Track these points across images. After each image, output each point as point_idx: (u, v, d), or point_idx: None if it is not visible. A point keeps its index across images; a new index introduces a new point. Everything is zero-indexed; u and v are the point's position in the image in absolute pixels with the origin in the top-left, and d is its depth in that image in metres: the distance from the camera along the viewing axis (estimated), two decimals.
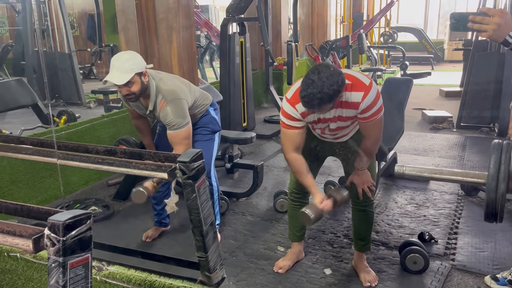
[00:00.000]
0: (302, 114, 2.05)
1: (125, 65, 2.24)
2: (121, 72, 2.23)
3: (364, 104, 1.97)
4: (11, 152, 1.75)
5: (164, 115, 2.36)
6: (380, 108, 2.02)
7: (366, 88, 1.96)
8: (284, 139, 2.14)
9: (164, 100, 2.36)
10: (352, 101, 1.97)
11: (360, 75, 2.02)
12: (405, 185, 3.64)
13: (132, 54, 2.35)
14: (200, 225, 1.57)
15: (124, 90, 2.29)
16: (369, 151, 2.19)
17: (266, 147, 4.95)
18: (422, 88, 8.39)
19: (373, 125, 2.06)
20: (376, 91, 2.00)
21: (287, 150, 2.13)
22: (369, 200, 2.32)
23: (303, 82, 1.85)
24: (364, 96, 1.95)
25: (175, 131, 2.36)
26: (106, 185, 3.79)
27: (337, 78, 1.82)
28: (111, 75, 2.24)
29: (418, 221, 3.03)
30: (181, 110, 2.37)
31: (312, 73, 1.83)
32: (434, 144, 4.88)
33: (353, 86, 1.96)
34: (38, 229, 1.03)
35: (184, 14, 4.25)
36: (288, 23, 7.70)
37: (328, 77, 1.80)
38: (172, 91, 2.39)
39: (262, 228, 2.98)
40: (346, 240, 2.80)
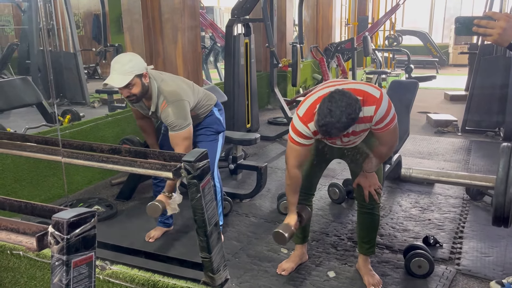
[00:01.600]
0: (314, 133, 2.03)
1: (125, 67, 2.24)
2: (121, 75, 2.23)
3: (378, 117, 1.95)
4: (15, 150, 1.74)
5: (166, 116, 2.35)
6: (394, 116, 2.00)
7: (377, 101, 1.93)
8: (290, 154, 2.14)
9: (166, 101, 2.36)
10: (365, 115, 1.94)
11: (369, 88, 1.97)
12: (409, 188, 3.62)
13: (132, 56, 2.34)
14: (205, 225, 1.55)
15: (125, 92, 2.29)
16: (383, 155, 2.20)
17: (270, 148, 4.94)
18: (426, 91, 8.36)
19: (388, 133, 2.05)
20: (387, 101, 1.97)
21: (291, 164, 2.15)
22: (375, 203, 2.30)
23: (320, 110, 1.83)
24: (376, 109, 1.93)
25: (176, 132, 2.36)
26: (109, 185, 3.78)
27: (355, 106, 1.80)
28: (111, 77, 2.25)
29: (423, 224, 3.00)
30: (182, 111, 2.36)
31: (329, 101, 1.80)
32: (439, 148, 4.85)
33: (365, 101, 1.93)
34: (42, 226, 1.02)
35: (189, 15, 4.25)
36: (293, 25, 7.70)
37: (346, 106, 1.78)
38: (174, 92, 2.38)
39: (265, 230, 2.97)
40: (350, 243, 2.78)
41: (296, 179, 2.18)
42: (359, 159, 2.28)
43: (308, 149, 2.14)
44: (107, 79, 2.25)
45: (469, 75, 7.25)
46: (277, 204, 3.24)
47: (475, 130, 5.41)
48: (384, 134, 2.05)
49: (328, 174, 3.93)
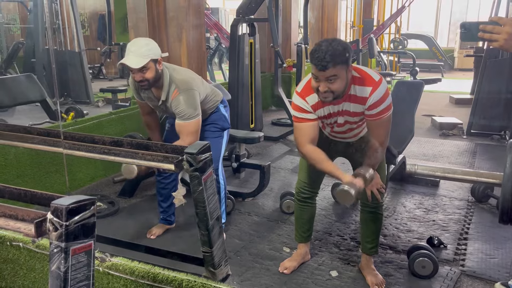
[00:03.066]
0: (313, 107, 2.04)
1: (141, 50, 2.23)
2: (138, 56, 2.22)
3: (372, 100, 1.94)
4: (17, 141, 1.73)
5: (176, 104, 2.33)
6: (388, 107, 1.98)
7: (375, 83, 1.93)
8: (298, 133, 2.10)
9: (178, 89, 2.34)
10: (360, 95, 1.95)
11: (370, 71, 2.00)
12: (413, 189, 3.59)
13: (149, 40, 2.35)
14: (206, 219, 1.53)
15: (138, 76, 2.27)
16: (376, 151, 2.14)
17: (273, 148, 4.92)
18: (432, 95, 8.32)
19: (380, 124, 2.02)
20: (385, 88, 1.96)
21: (302, 143, 2.08)
22: (378, 202, 2.27)
23: (313, 47, 1.86)
24: (372, 91, 1.93)
25: (184, 121, 2.34)
26: (112, 182, 3.76)
27: (343, 42, 1.87)
28: (127, 58, 2.23)
29: (427, 225, 2.97)
30: (193, 100, 2.35)
31: (320, 40, 1.88)
32: (444, 150, 4.82)
33: (362, 80, 1.94)
34: (41, 213, 1.00)
35: (194, 13, 4.24)
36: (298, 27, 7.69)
37: (334, 39, 1.87)
38: (186, 81, 2.38)
39: (268, 229, 2.95)
40: (353, 243, 2.75)
41: (316, 151, 2.05)
42: (360, 158, 2.25)
43: (315, 127, 2.08)
44: (123, 59, 2.23)
45: (475, 78, 7.21)
46: (280, 203, 3.22)
47: (481, 133, 5.37)
48: (376, 124, 2.02)
49: None
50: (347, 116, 2.06)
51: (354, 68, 1.96)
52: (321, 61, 1.80)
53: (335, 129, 2.19)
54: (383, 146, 2.14)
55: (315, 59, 1.83)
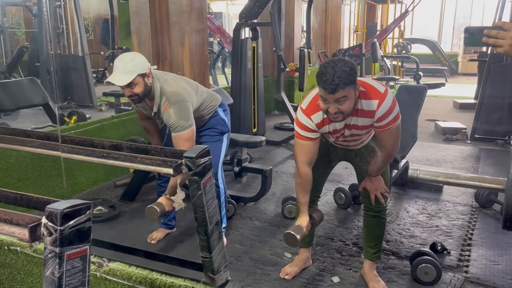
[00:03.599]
0: (318, 125, 2.01)
1: (127, 66, 2.21)
2: (124, 73, 2.20)
3: (380, 112, 1.91)
4: (16, 145, 1.73)
5: (167, 117, 2.32)
6: (397, 116, 1.97)
7: (381, 95, 1.91)
8: (298, 150, 2.10)
9: (168, 102, 2.32)
10: (367, 109, 1.92)
11: (375, 83, 1.97)
12: (417, 195, 3.56)
13: (135, 55, 2.32)
14: (205, 224, 1.52)
15: (127, 91, 2.27)
16: (385, 159, 2.13)
17: (275, 153, 4.90)
18: (435, 99, 8.29)
19: (390, 133, 2.00)
20: (392, 98, 1.94)
21: (300, 162, 2.10)
22: (382, 206, 2.25)
23: (319, 70, 1.84)
24: (379, 104, 1.90)
25: (177, 134, 2.32)
26: (113, 186, 3.76)
27: (350, 62, 1.83)
28: (113, 76, 2.22)
29: (430, 231, 2.94)
30: (184, 112, 2.32)
31: (326, 62, 1.85)
32: (447, 155, 4.78)
33: (368, 94, 1.91)
34: (36, 217, 0.99)
35: (197, 17, 4.25)
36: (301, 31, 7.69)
37: (341, 60, 1.83)
38: (176, 93, 2.35)
39: (269, 234, 2.92)
40: (356, 248, 2.72)
41: (306, 177, 2.11)
42: (364, 163, 2.24)
43: (316, 145, 2.08)
44: (109, 77, 2.23)
45: (479, 83, 7.18)
46: (281, 208, 3.20)
47: (485, 138, 5.33)
48: (385, 134, 2.00)
49: (334, 179, 3.88)
50: (355, 129, 2.05)
51: (359, 82, 1.92)
52: (330, 84, 1.77)
53: (340, 140, 2.18)
54: (393, 154, 2.13)
55: (323, 82, 1.79)
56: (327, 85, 1.78)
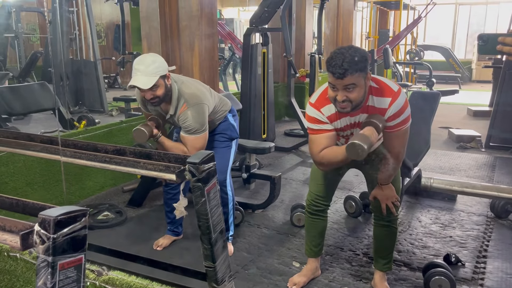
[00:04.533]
0: (329, 118, 1.96)
1: (149, 68, 2.16)
2: (146, 76, 2.15)
3: (391, 111, 1.85)
4: (19, 149, 1.70)
5: (184, 119, 2.29)
6: (408, 118, 1.91)
7: (394, 94, 1.86)
8: (313, 144, 1.99)
9: (186, 104, 2.29)
10: (378, 106, 1.87)
11: (388, 81, 1.92)
12: (429, 204, 3.46)
13: (155, 56, 2.27)
14: (209, 232, 1.46)
15: (148, 94, 2.21)
16: (391, 165, 2.06)
17: (285, 159, 4.84)
18: (448, 107, 8.16)
19: (398, 136, 1.94)
20: (405, 99, 1.88)
21: (316, 152, 1.98)
22: (393, 215, 2.18)
23: (329, 56, 1.79)
24: (392, 102, 1.85)
25: (190, 135, 2.29)
26: (121, 191, 3.74)
27: (361, 50, 1.78)
28: (136, 79, 2.16)
29: (444, 242, 2.85)
30: (201, 115, 2.30)
31: (336, 48, 1.81)
32: (461, 164, 4.67)
33: (380, 91, 1.86)
34: (29, 224, 0.95)
35: (207, 22, 4.22)
36: (312, 37, 7.64)
37: (351, 47, 1.78)
38: (195, 95, 2.32)
39: (277, 242, 2.86)
40: (366, 258, 2.64)
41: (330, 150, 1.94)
42: (375, 169, 2.17)
43: (331, 137, 1.97)
44: (131, 81, 2.16)
45: (493, 90, 7.04)
46: (290, 216, 3.13)
47: (500, 147, 5.20)
48: (393, 136, 1.94)
49: (345, 187, 3.80)
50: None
51: (372, 79, 1.88)
52: (339, 69, 1.73)
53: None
54: (399, 159, 2.06)
55: (332, 67, 1.75)
56: (336, 69, 1.74)
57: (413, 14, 11.60)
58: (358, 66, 1.73)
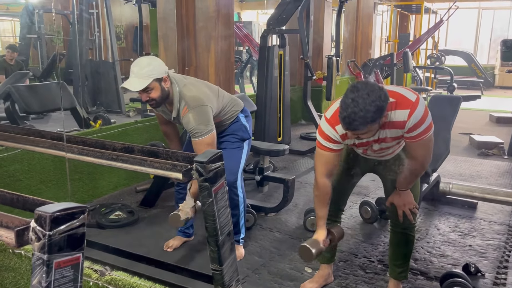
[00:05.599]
0: (342, 137, 1.87)
1: (143, 71, 2.15)
2: (139, 78, 2.14)
3: (411, 123, 1.77)
4: (27, 145, 1.68)
5: (187, 122, 2.26)
6: (429, 126, 1.81)
7: (412, 104, 1.76)
8: (318, 160, 1.98)
9: (187, 106, 2.26)
10: (397, 120, 1.78)
11: (405, 91, 1.82)
12: (448, 211, 3.35)
13: (151, 59, 2.25)
14: (216, 234, 1.42)
15: (144, 96, 2.22)
16: (415, 172, 1.98)
17: (300, 163, 4.77)
18: (470, 112, 7.97)
19: (421, 145, 1.85)
20: (424, 107, 1.79)
21: (319, 173, 1.98)
22: (410, 223, 2.09)
23: (342, 101, 1.68)
24: (410, 113, 1.75)
25: (197, 139, 2.25)
26: (134, 191, 3.73)
27: (379, 93, 1.64)
28: (129, 81, 2.16)
29: (463, 251, 2.74)
30: (203, 117, 2.25)
31: (351, 91, 1.66)
32: (482, 171, 4.53)
33: (398, 104, 1.76)
34: (25, 220, 0.92)
35: (223, 23, 4.20)
36: (331, 41, 7.56)
37: (369, 93, 1.62)
38: (196, 98, 2.28)
39: (289, 246, 2.79)
40: (381, 266, 2.56)
41: (325, 189, 2.00)
42: (393, 175, 2.09)
43: (338, 156, 1.96)
44: (124, 83, 2.17)
45: None
46: (303, 220, 3.06)
47: None
48: (416, 145, 1.85)
49: (361, 192, 3.72)
50: (384, 143, 1.92)
51: (388, 92, 1.75)
52: (350, 126, 1.66)
53: (369, 153, 2.04)
54: (425, 167, 1.98)
55: (343, 121, 1.67)
56: (347, 125, 1.67)
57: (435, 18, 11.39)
58: (372, 119, 1.64)
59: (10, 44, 7.80)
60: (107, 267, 1.31)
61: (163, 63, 2.24)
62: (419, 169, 1.97)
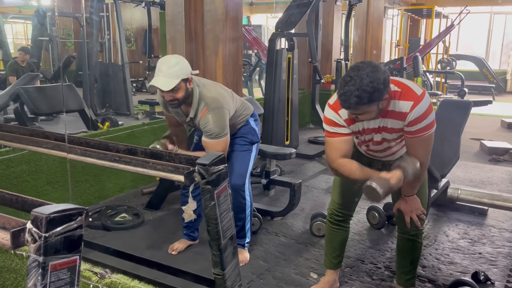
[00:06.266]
0: (346, 121, 1.85)
1: (171, 70, 2.13)
2: (167, 77, 2.12)
3: (412, 116, 1.74)
4: (32, 146, 1.68)
5: (205, 123, 2.25)
6: (431, 124, 1.77)
7: (417, 98, 1.74)
8: (329, 149, 1.91)
9: (207, 107, 2.25)
10: (399, 110, 1.75)
11: (412, 84, 1.80)
12: (458, 218, 3.29)
13: (179, 58, 2.23)
14: (218, 238, 1.39)
15: (168, 96, 2.19)
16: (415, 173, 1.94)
17: (307, 167, 4.74)
18: (481, 118, 7.87)
19: (420, 142, 1.81)
20: (428, 103, 1.76)
21: (333, 158, 1.89)
22: (417, 229, 2.05)
23: (341, 79, 1.67)
24: (413, 106, 1.73)
25: (212, 140, 2.24)
26: (140, 194, 3.72)
27: (379, 75, 1.61)
28: (157, 79, 2.14)
29: (472, 258, 2.69)
30: (222, 119, 2.25)
31: (352, 70, 1.65)
32: (493, 177, 4.45)
33: (402, 94, 1.74)
34: (21, 221, 0.90)
35: (232, 26, 4.19)
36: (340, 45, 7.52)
37: (368, 74, 1.60)
38: (216, 99, 2.28)
39: (295, 251, 2.76)
40: (388, 272, 2.51)
41: (348, 162, 1.86)
42: None
43: (347, 141, 1.89)
44: (152, 81, 2.15)
45: None
46: (310, 225, 3.03)
47: None
48: (415, 142, 1.81)
49: None
50: (385, 133, 1.88)
51: (394, 82, 1.76)
52: (344, 103, 1.65)
53: (372, 148, 2.01)
54: (423, 168, 1.93)
55: (339, 98, 1.65)
56: (343, 103, 1.65)
57: (446, 22, 11.29)
58: (369, 99, 1.61)
59: (23, 46, 7.88)
60: (107, 269, 1.29)
61: (188, 64, 2.23)
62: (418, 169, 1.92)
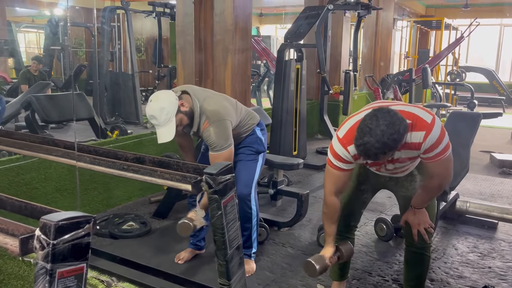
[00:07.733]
0: (354, 157, 1.83)
1: (162, 118, 2.18)
2: (164, 126, 2.19)
3: (427, 144, 1.73)
4: (42, 153, 1.70)
5: (207, 136, 2.27)
6: (447, 146, 1.77)
7: (428, 126, 1.72)
8: (328, 178, 1.95)
9: (208, 121, 2.28)
10: (412, 141, 1.74)
11: (420, 112, 1.77)
12: (467, 231, 3.25)
13: (158, 102, 2.20)
14: (225, 247, 1.39)
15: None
16: (433, 190, 1.93)
17: (315, 177, 4.72)
18: (491, 130, 7.80)
19: (440, 164, 1.80)
20: (440, 128, 1.74)
21: (329, 191, 1.95)
22: (425, 243, 2.03)
23: (359, 128, 1.64)
24: (426, 135, 1.71)
25: (216, 153, 2.26)
26: (148, 202, 3.73)
27: (399, 126, 1.60)
28: (159, 134, 2.21)
29: (482, 272, 2.65)
30: (224, 131, 2.27)
31: (370, 119, 1.62)
32: (504, 190, 4.40)
33: (414, 126, 1.72)
34: (30, 228, 0.91)
35: (241, 37, 4.22)
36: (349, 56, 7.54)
37: (388, 125, 1.58)
38: (216, 112, 2.30)
39: (302, 263, 2.73)
40: (395, 285, 2.49)
41: (333, 207, 1.97)
42: (407, 192, 2.04)
43: (348, 175, 1.93)
44: (158, 139, 2.20)
45: None
46: (317, 236, 3.01)
47: None
48: (434, 165, 1.81)
49: (376, 209, 3.65)
50: (398, 163, 1.88)
51: (403, 113, 1.71)
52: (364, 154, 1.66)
53: (382, 171, 2.01)
54: (442, 187, 1.93)
55: (357, 148, 1.66)
56: (362, 152, 1.65)
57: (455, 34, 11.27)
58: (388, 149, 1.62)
59: (37, 56, 7.99)
60: (114, 278, 1.30)
61: (169, 94, 2.24)
62: (436, 188, 1.92)
